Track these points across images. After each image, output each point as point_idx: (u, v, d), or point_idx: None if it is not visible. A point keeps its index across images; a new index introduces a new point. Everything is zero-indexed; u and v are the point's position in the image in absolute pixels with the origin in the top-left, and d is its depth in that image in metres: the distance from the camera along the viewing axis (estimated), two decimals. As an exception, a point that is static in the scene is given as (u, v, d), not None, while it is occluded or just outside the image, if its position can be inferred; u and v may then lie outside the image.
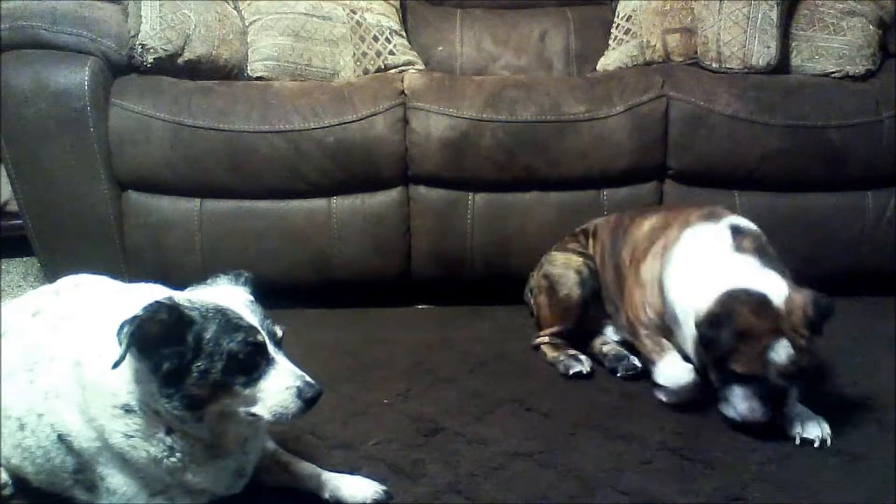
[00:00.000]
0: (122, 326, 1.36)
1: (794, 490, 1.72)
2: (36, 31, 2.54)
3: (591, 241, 2.45)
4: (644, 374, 2.18)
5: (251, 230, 2.64)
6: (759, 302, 1.84)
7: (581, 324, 2.35)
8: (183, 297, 1.48)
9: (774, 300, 1.84)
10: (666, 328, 2.08)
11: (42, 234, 2.66)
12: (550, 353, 2.34)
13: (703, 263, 1.96)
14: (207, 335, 1.41)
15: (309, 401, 1.46)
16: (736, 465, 1.81)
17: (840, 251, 2.74)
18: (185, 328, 1.40)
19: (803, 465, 1.81)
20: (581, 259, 2.37)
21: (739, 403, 1.89)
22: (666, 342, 2.08)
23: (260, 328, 1.46)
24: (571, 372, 2.24)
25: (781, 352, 1.81)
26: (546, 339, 2.38)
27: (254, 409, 1.46)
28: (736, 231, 2.01)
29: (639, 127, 2.62)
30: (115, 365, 1.38)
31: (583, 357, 2.28)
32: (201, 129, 2.55)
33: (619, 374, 2.23)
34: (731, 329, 1.83)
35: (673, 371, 2.04)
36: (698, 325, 1.88)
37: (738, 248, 1.97)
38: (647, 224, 2.21)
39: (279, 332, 1.51)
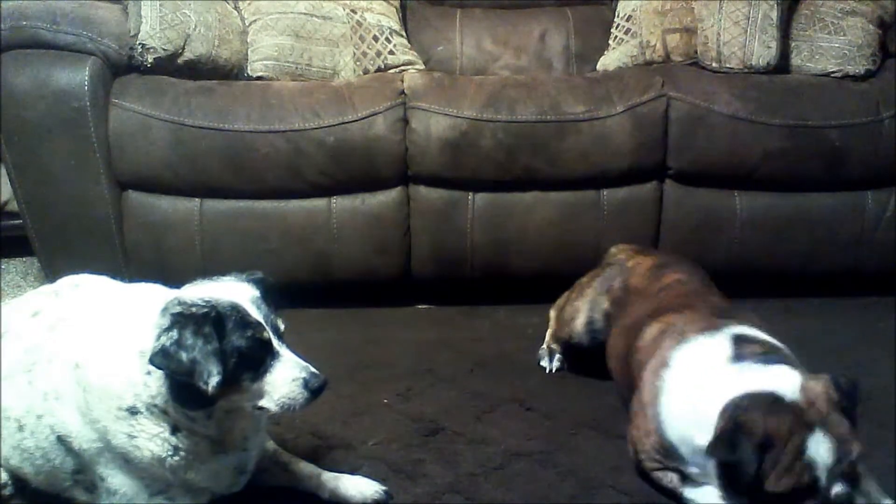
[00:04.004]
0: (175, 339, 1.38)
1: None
2: (36, 31, 2.54)
3: (620, 304, 2.15)
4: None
5: (251, 230, 2.64)
6: (771, 401, 1.53)
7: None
8: (197, 294, 1.48)
9: (787, 395, 1.53)
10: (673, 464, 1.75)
11: (42, 234, 2.66)
12: (546, 339, 2.39)
13: (698, 387, 1.64)
14: (225, 333, 1.42)
15: (315, 391, 1.48)
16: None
17: (840, 251, 2.74)
18: (219, 334, 1.41)
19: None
20: (586, 317, 2.20)
21: None
22: (678, 476, 1.74)
23: (265, 323, 1.47)
24: (540, 362, 2.33)
25: (820, 446, 1.49)
26: (550, 333, 2.40)
27: (261, 403, 1.48)
28: (738, 340, 1.70)
29: (639, 127, 2.62)
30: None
31: (559, 355, 2.32)
32: (201, 129, 2.54)
33: None
34: (751, 443, 1.50)
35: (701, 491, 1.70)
36: (713, 453, 1.57)
37: (738, 357, 1.66)
38: (650, 332, 1.89)
39: (282, 326, 1.53)
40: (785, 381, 1.56)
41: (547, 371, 2.30)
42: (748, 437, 1.50)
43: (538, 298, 2.70)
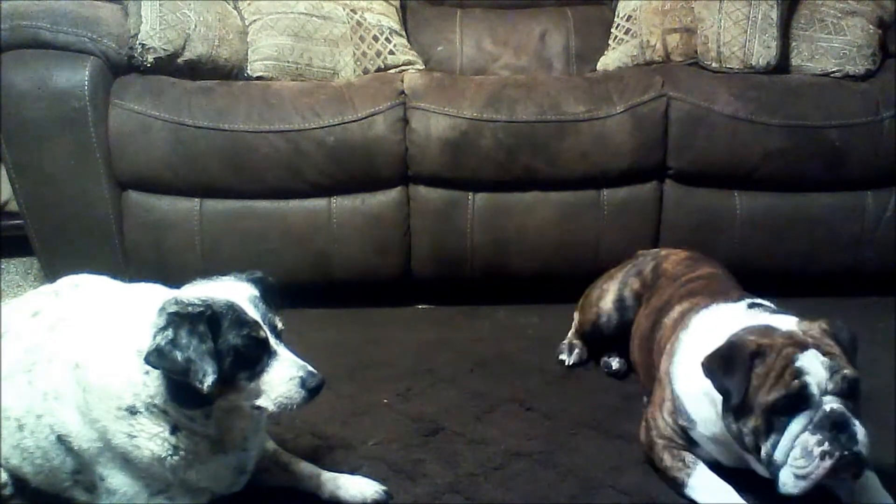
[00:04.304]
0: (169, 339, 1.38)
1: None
2: (36, 31, 2.54)
3: (650, 286, 2.18)
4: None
5: (251, 230, 2.64)
6: (766, 329, 1.59)
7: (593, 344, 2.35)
8: (195, 294, 1.48)
9: (783, 328, 1.59)
10: (687, 438, 1.75)
11: (42, 234, 2.66)
12: (569, 335, 2.40)
13: (708, 337, 1.66)
14: (220, 332, 1.42)
15: (312, 390, 1.47)
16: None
17: (840, 251, 2.74)
18: (214, 333, 1.41)
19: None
20: (616, 294, 2.23)
21: (796, 453, 1.47)
22: (690, 456, 1.73)
23: (262, 322, 1.47)
24: (559, 357, 2.33)
25: (811, 360, 1.50)
26: (573, 330, 2.41)
27: (258, 402, 1.47)
28: (753, 305, 1.75)
29: (639, 127, 2.62)
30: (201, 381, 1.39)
31: (578, 350, 2.33)
32: (201, 129, 2.55)
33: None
34: (742, 354, 1.54)
35: (708, 485, 1.68)
36: (706, 368, 1.59)
37: (750, 311, 1.72)
38: (679, 309, 1.91)
39: (280, 325, 1.53)
40: (783, 321, 1.62)
41: (566, 364, 2.31)
42: (740, 349, 1.55)
43: (538, 298, 2.71)
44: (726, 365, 1.56)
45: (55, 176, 2.57)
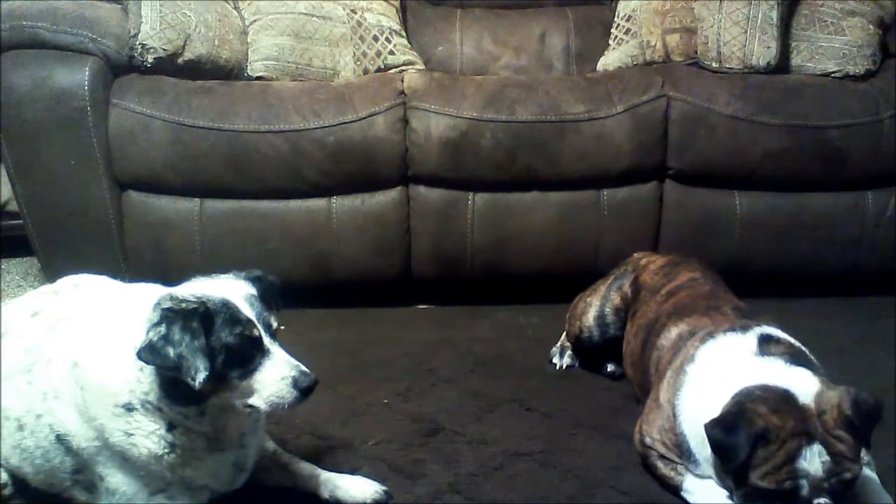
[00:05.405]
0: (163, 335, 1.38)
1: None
2: (36, 31, 2.54)
3: (632, 300, 2.18)
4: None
5: (251, 230, 2.64)
6: (782, 398, 1.52)
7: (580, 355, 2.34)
8: (190, 291, 1.49)
9: (801, 397, 1.51)
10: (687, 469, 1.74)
11: (42, 234, 2.66)
12: (561, 338, 2.40)
13: (719, 377, 1.64)
14: (213, 329, 1.42)
15: (305, 390, 1.47)
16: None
17: (840, 251, 2.74)
18: (207, 330, 1.41)
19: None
20: (597, 311, 2.21)
21: None
22: (682, 467, 1.74)
23: (256, 321, 1.47)
24: (552, 360, 2.34)
25: (814, 459, 1.47)
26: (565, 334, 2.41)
27: (251, 401, 1.47)
28: (764, 339, 1.70)
29: (639, 127, 2.62)
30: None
31: (569, 353, 2.33)
32: (201, 129, 2.55)
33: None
34: (747, 432, 1.49)
35: (702, 489, 1.69)
36: (709, 431, 1.55)
37: (763, 353, 1.66)
38: (675, 331, 1.88)
39: (275, 324, 1.52)
40: (803, 383, 1.55)
41: (557, 368, 2.31)
42: (748, 425, 1.50)
43: (538, 298, 2.71)
44: (729, 435, 1.52)
45: (55, 176, 2.57)
